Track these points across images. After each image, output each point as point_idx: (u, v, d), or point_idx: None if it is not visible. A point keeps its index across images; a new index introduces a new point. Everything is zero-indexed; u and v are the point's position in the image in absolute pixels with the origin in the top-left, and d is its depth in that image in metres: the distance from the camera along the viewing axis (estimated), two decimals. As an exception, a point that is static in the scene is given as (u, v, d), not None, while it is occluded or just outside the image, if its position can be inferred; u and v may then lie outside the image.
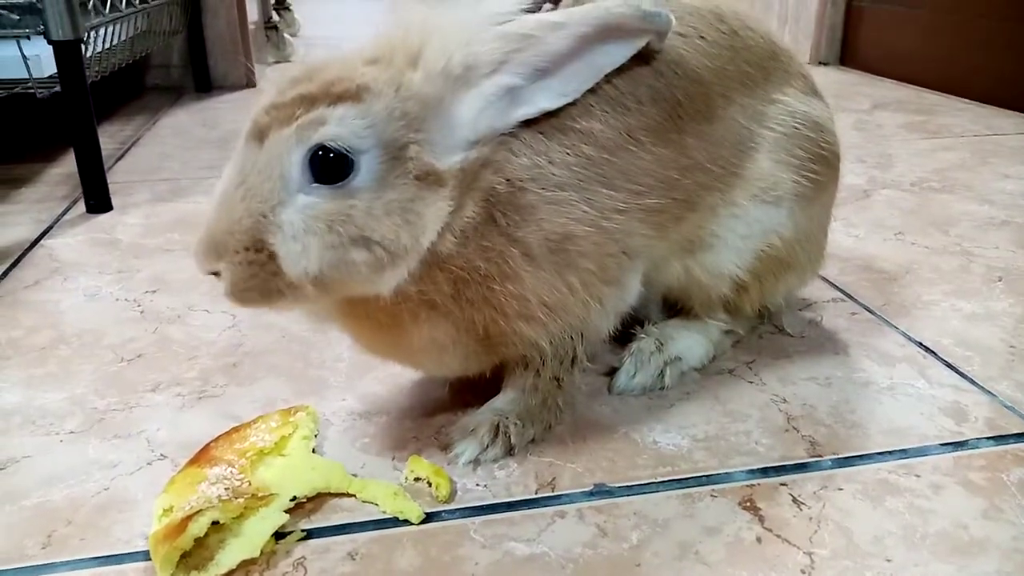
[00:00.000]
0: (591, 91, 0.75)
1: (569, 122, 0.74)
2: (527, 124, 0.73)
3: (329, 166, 0.67)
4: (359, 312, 0.75)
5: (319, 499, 0.75)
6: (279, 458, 0.77)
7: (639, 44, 0.75)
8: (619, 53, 0.74)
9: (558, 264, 0.74)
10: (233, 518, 0.69)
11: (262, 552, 0.68)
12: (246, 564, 0.67)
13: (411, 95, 0.69)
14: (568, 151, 0.74)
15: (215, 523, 0.67)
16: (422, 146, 0.69)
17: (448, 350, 0.77)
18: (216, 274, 0.71)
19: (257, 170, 0.68)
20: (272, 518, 0.70)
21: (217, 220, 0.69)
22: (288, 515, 0.71)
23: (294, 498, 0.73)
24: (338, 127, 0.66)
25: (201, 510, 0.67)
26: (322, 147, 0.66)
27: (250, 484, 0.72)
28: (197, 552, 0.67)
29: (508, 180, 0.72)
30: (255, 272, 0.68)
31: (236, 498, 0.70)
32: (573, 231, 0.74)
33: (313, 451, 0.80)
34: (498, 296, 0.73)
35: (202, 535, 0.66)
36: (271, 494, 0.72)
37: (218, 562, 0.67)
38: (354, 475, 0.77)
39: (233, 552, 0.67)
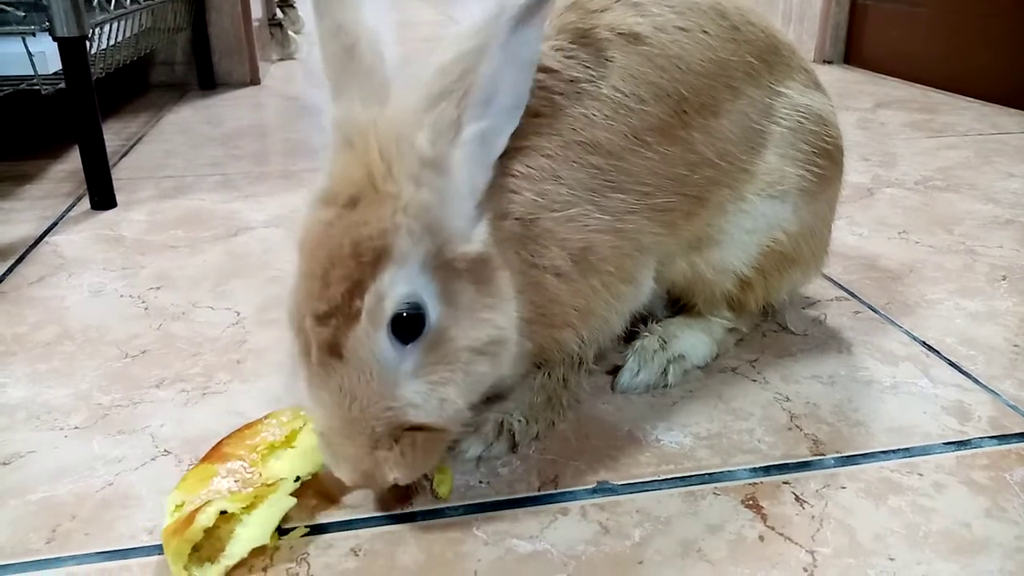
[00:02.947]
0: (592, 98, 0.75)
1: (572, 136, 0.74)
2: (526, 153, 0.73)
3: (409, 327, 0.64)
4: None
5: (323, 497, 0.75)
6: (288, 450, 0.78)
7: (546, 15, 0.68)
8: (535, 36, 0.68)
9: (583, 272, 0.76)
10: (243, 508, 0.69)
11: (270, 542, 0.68)
12: (250, 559, 0.67)
13: (416, 210, 0.64)
14: (576, 165, 0.74)
15: (224, 513, 0.67)
16: (452, 241, 0.66)
17: (516, 371, 0.80)
18: None
19: (355, 381, 0.64)
20: (279, 503, 0.70)
21: (350, 449, 0.65)
22: (295, 499, 0.71)
23: (298, 478, 0.73)
24: (395, 292, 0.63)
25: (209, 501, 0.67)
26: (396, 317, 0.63)
27: (260, 475, 0.73)
28: (209, 544, 0.67)
29: (518, 219, 0.72)
30: (414, 452, 0.66)
31: (246, 487, 0.70)
32: (592, 241, 0.75)
33: None
34: (549, 318, 0.76)
35: (211, 526, 0.66)
36: (279, 479, 0.72)
37: (229, 552, 0.67)
38: None
39: (243, 541, 0.68)
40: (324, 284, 0.63)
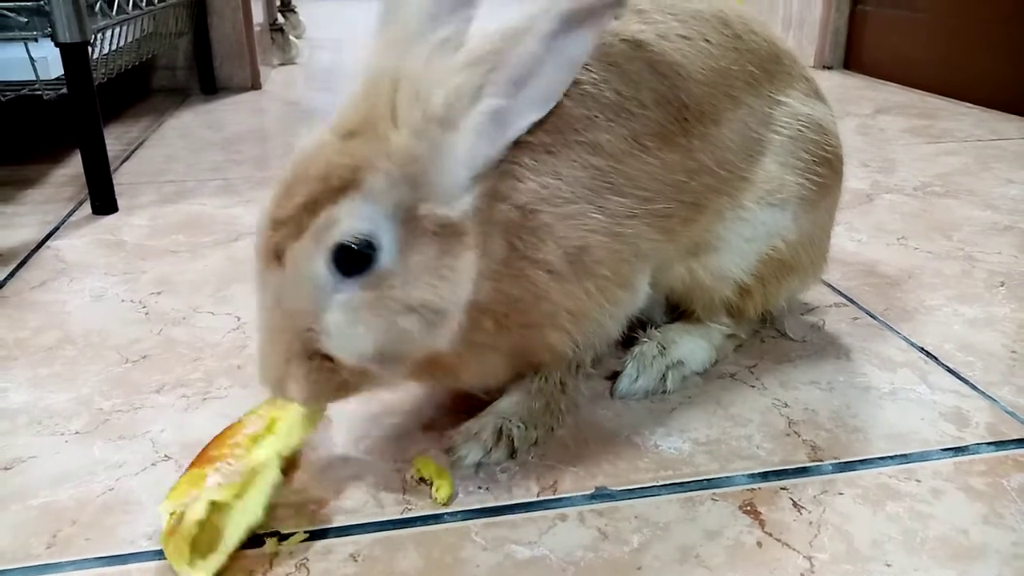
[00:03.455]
0: (594, 101, 0.75)
1: (574, 136, 0.74)
2: (531, 146, 0.73)
3: (353, 259, 0.66)
4: (419, 370, 0.76)
5: (322, 501, 0.76)
6: (270, 437, 0.77)
7: (604, 23, 0.70)
8: (587, 39, 0.70)
9: (578, 273, 0.76)
10: (234, 496, 0.69)
11: (269, 548, 0.69)
12: (250, 564, 0.68)
13: (403, 157, 0.67)
14: (577, 164, 0.74)
15: (215, 504, 0.67)
16: (430, 201, 0.68)
17: (496, 373, 0.81)
18: None
19: (287, 291, 0.68)
20: (266, 479, 0.71)
21: (271, 349, 0.70)
22: (282, 474, 0.72)
23: (280, 456, 0.73)
24: (349, 221, 0.66)
25: (196, 497, 0.68)
26: (342, 246, 0.66)
27: (241, 465, 0.72)
28: (207, 540, 0.67)
29: (519, 207, 0.72)
30: (317, 378, 0.69)
31: (228, 479, 0.70)
32: (589, 242, 0.75)
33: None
34: (533, 317, 0.75)
35: (204, 519, 0.66)
36: (258, 464, 0.72)
37: (227, 538, 0.67)
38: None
39: (238, 525, 0.68)
40: (287, 194, 0.67)
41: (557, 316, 0.76)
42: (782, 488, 0.77)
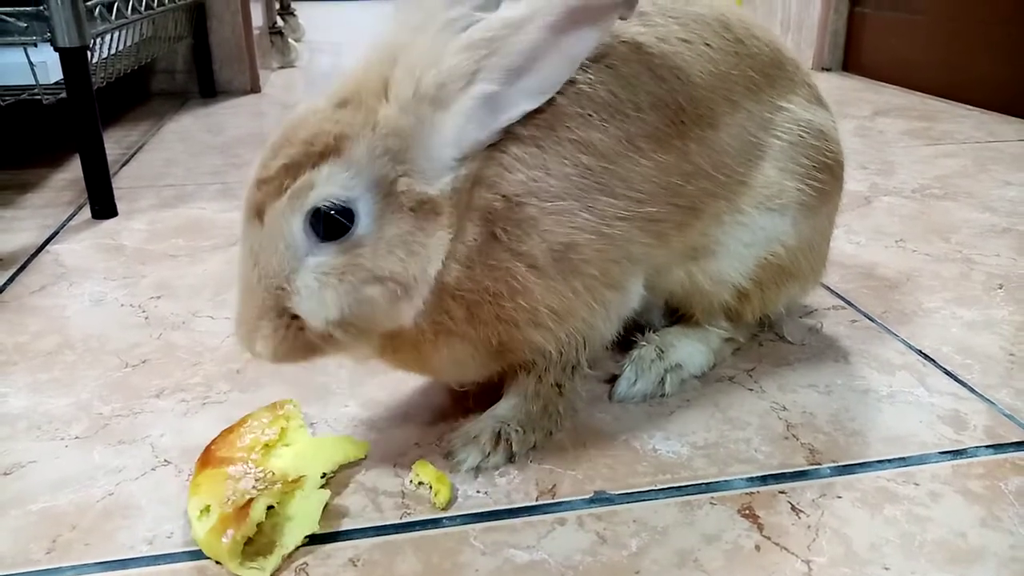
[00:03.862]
0: (589, 100, 0.75)
1: (566, 133, 0.74)
2: (521, 139, 0.73)
3: (329, 224, 0.68)
4: (386, 347, 0.77)
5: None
6: (285, 447, 0.80)
7: (609, 23, 0.71)
8: (590, 37, 0.70)
9: (563, 271, 0.75)
10: (277, 503, 0.72)
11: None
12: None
13: (389, 130, 0.69)
14: (566, 161, 0.74)
15: (269, 508, 0.70)
16: (411, 176, 0.70)
17: (467, 365, 0.80)
18: None
19: (263, 248, 0.70)
20: (316, 495, 0.74)
21: (244, 305, 0.72)
22: (329, 491, 0.75)
23: (324, 475, 0.77)
24: (326, 187, 0.68)
25: (254, 497, 0.69)
26: (317, 209, 0.68)
27: (273, 473, 0.75)
28: (255, 540, 0.69)
29: (504, 196, 0.72)
30: (284, 336, 0.71)
31: (271, 485, 0.72)
32: (576, 239, 0.74)
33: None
34: (509, 311, 0.74)
35: (263, 520, 0.69)
36: (301, 476, 0.75)
37: (283, 544, 0.70)
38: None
39: (294, 532, 0.71)
40: (272, 155, 0.70)
41: (538, 314, 0.75)
42: (780, 492, 0.78)
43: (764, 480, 0.79)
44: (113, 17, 1.76)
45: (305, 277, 0.69)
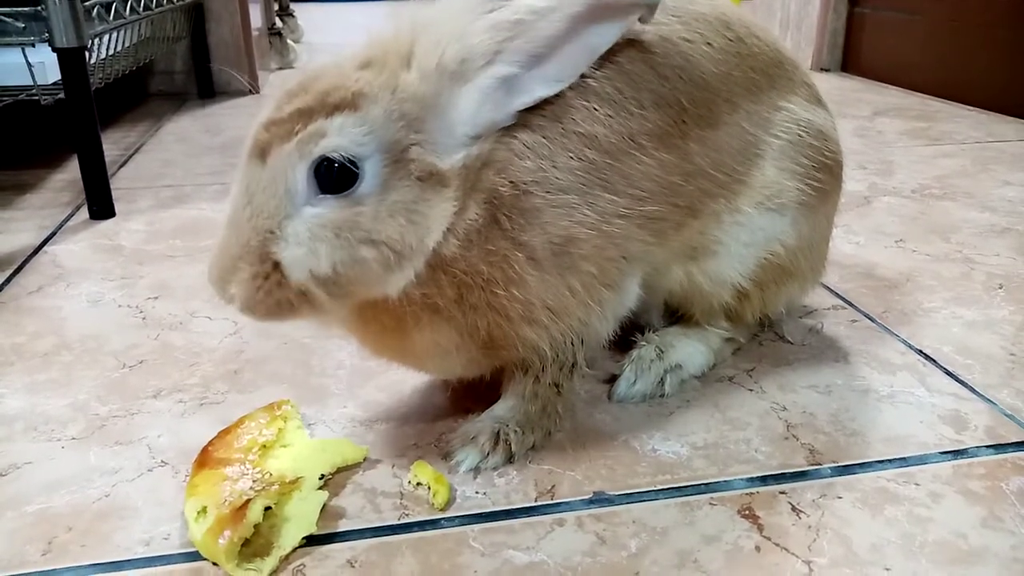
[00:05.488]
0: (595, 94, 0.75)
1: (572, 126, 0.74)
2: (531, 127, 0.73)
3: (334, 176, 0.67)
4: (366, 315, 0.76)
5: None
6: (282, 448, 0.80)
7: (631, 20, 0.73)
8: (611, 32, 0.73)
9: (560, 267, 0.75)
10: (275, 504, 0.72)
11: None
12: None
13: (408, 96, 0.69)
14: (572, 155, 0.74)
15: (267, 509, 0.70)
16: (423, 147, 0.70)
17: (451, 354, 0.78)
18: None
19: (262, 188, 0.68)
20: (314, 496, 0.74)
21: (227, 243, 0.70)
22: (327, 493, 0.75)
23: (322, 476, 0.77)
24: (338, 138, 0.67)
25: (252, 498, 0.69)
26: (325, 159, 0.67)
27: (271, 475, 0.74)
28: (252, 541, 0.69)
29: (512, 183, 0.72)
30: (261, 285, 0.69)
31: (269, 486, 0.72)
32: (575, 234, 0.74)
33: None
34: (501, 300, 0.74)
35: (260, 521, 0.69)
36: (299, 478, 0.75)
37: (281, 545, 0.69)
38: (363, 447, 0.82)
39: (291, 534, 0.70)
40: (286, 100, 0.70)
41: (532, 308, 0.75)
42: (780, 492, 0.77)
43: (764, 480, 0.79)
44: (111, 18, 1.75)
45: (298, 225, 0.68)
